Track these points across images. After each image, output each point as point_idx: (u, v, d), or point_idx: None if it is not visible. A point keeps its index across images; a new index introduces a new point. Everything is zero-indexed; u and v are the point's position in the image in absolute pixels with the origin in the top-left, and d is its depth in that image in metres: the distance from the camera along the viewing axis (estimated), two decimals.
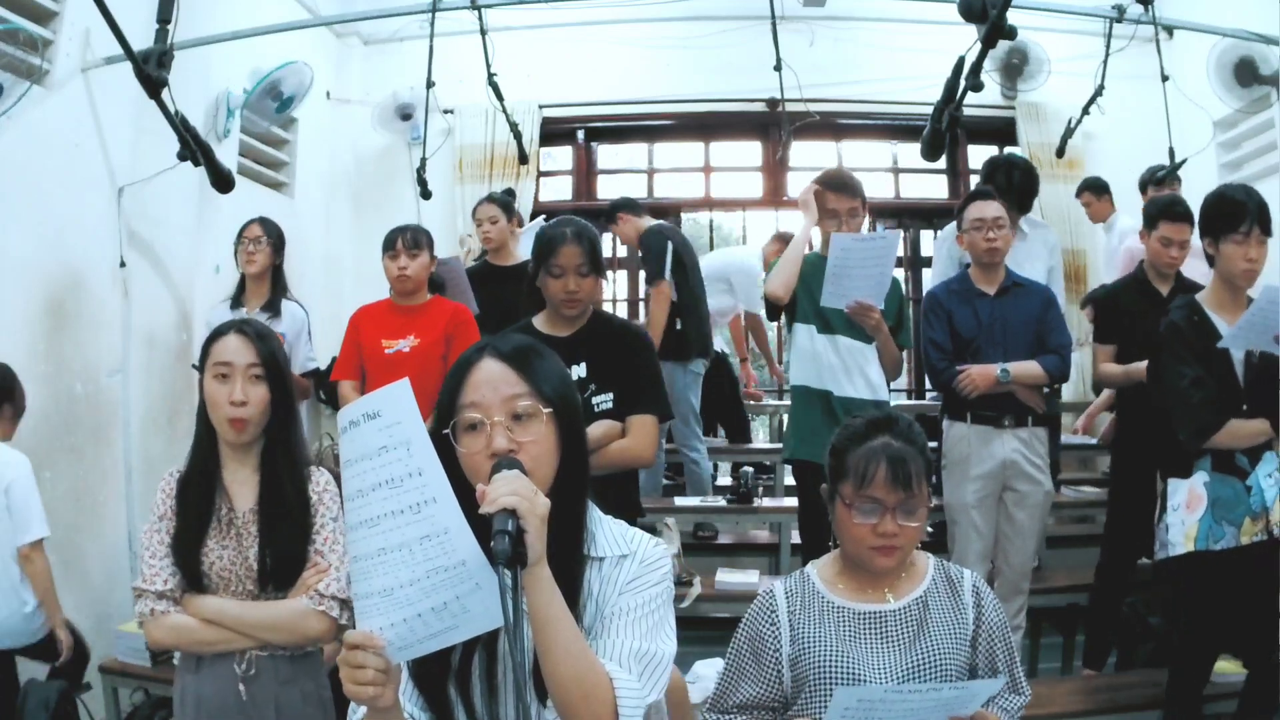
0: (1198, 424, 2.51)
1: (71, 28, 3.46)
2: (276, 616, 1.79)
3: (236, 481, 1.87)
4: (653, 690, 1.20)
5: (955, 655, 1.62)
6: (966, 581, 1.69)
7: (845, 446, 1.67)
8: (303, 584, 1.80)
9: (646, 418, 2.45)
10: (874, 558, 1.62)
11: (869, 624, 1.64)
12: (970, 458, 3.18)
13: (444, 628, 1.07)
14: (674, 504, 4.39)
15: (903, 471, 1.60)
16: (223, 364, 1.85)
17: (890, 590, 1.67)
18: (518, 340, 1.30)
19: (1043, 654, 3.82)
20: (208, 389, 1.86)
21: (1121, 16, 4.36)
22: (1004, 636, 1.68)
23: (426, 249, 3.41)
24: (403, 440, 1.04)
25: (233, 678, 1.80)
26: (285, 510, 1.82)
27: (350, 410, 1.09)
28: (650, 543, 1.30)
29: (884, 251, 2.98)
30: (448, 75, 4.85)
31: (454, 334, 3.28)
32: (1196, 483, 2.55)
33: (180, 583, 1.81)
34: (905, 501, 1.60)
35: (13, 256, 3.25)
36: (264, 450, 1.88)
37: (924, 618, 1.64)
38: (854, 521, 1.62)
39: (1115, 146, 5.43)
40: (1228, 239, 2.54)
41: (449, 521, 1.03)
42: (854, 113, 5.91)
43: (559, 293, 2.45)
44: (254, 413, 1.84)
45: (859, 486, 1.61)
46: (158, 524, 1.85)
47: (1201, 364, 2.52)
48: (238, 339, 1.87)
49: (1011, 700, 1.67)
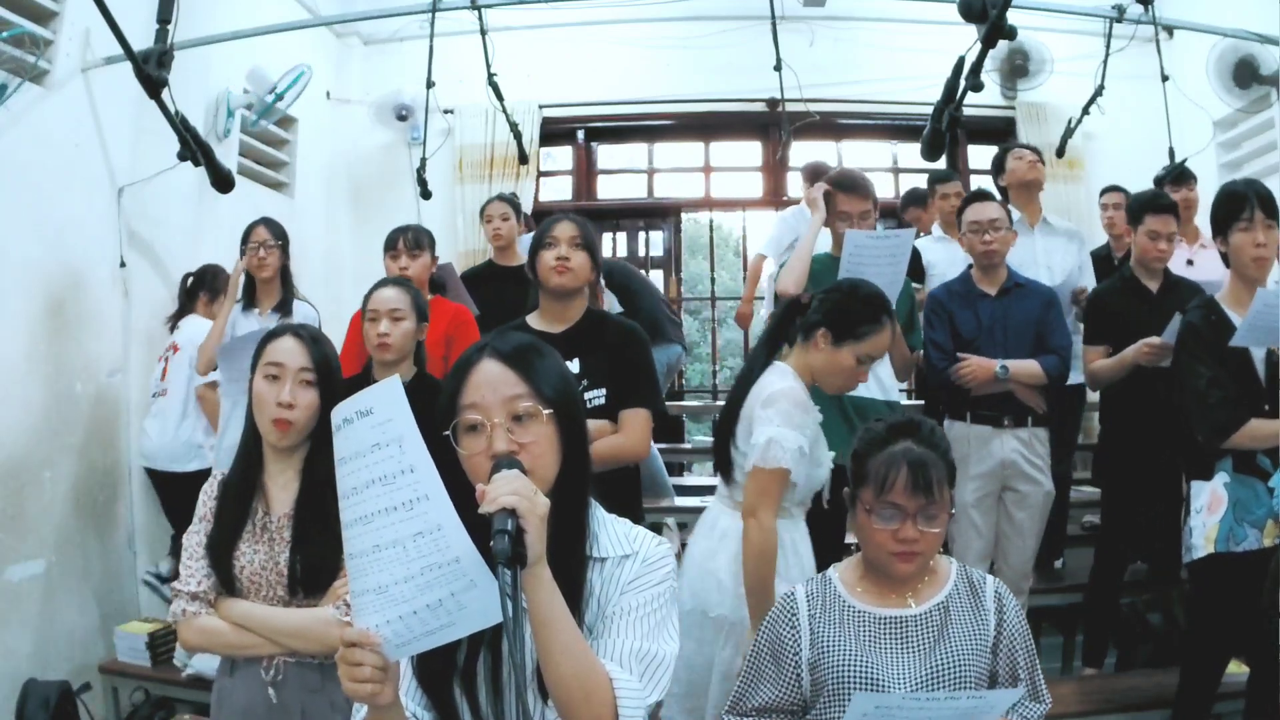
0: (1215, 424, 2.48)
1: (71, 28, 3.46)
2: (301, 623, 1.78)
3: (277, 486, 1.86)
4: (654, 691, 1.19)
5: (976, 661, 1.61)
6: (989, 587, 1.68)
7: (867, 451, 1.66)
8: (333, 593, 1.79)
9: (639, 412, 2.44)
10: (894, 563, 1.61)
11: (889, 629, 1.63)
12: (969, 457, 3.17)
13: (440, 625, 1.06)
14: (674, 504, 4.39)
15: (924, 477, 1.58)
16: (274, 364, 1.83)
17: (912, 595, 1.66)
18: (518, 339, 1.29)
19: (1043, 654, 3.80)
20: (256, 388, 1.84)
21: (1121, 16, 4.36)
22: (1025, 643, 1.67)
23: (428, 249, 3.41)
24: (395, 437, 1.04)
25: (261, 683, 1.79)
26: (321, 517, 1.78)
27: (343, 408, 1.09)
28: (654, 542, 1.29)
29: (898, 249, 2.96)
30: (448, 75, 4.85)
31: (454, 334, 3.28)
32: (1217, 484, 2.53)
33: (214, 585, 1.80)
34: (926, 507, 1.59)
35: (13, 256, 3.25)
36: (308, 455, 1.86)
37: (945, 623, 1.63)
38: (874, 527, 1.61)
39: (1115, 146, 5.43)
40: (1234, 229, 2.54)
41: (442, 518, 1.03)
42: (854, 113, 5.90)
43: (550, 261, 2.45)
44: (301, 416, 1.82)
45: (879, 492, 1.60)
46: (198, 525, 1.84)
47: (1219, 363, 2.50)
48: (293, 341, 1.86)
49: (1031, 708, 1.65)
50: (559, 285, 2.47)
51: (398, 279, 2.89)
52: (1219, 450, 2.52)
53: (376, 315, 2.66)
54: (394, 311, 2.66)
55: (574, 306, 2.53)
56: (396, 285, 2.75)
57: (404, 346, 2.68)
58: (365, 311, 2.72)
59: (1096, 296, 3.42)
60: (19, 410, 3.27)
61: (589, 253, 2.50)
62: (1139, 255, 3.31)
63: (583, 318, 2.53)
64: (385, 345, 2.64)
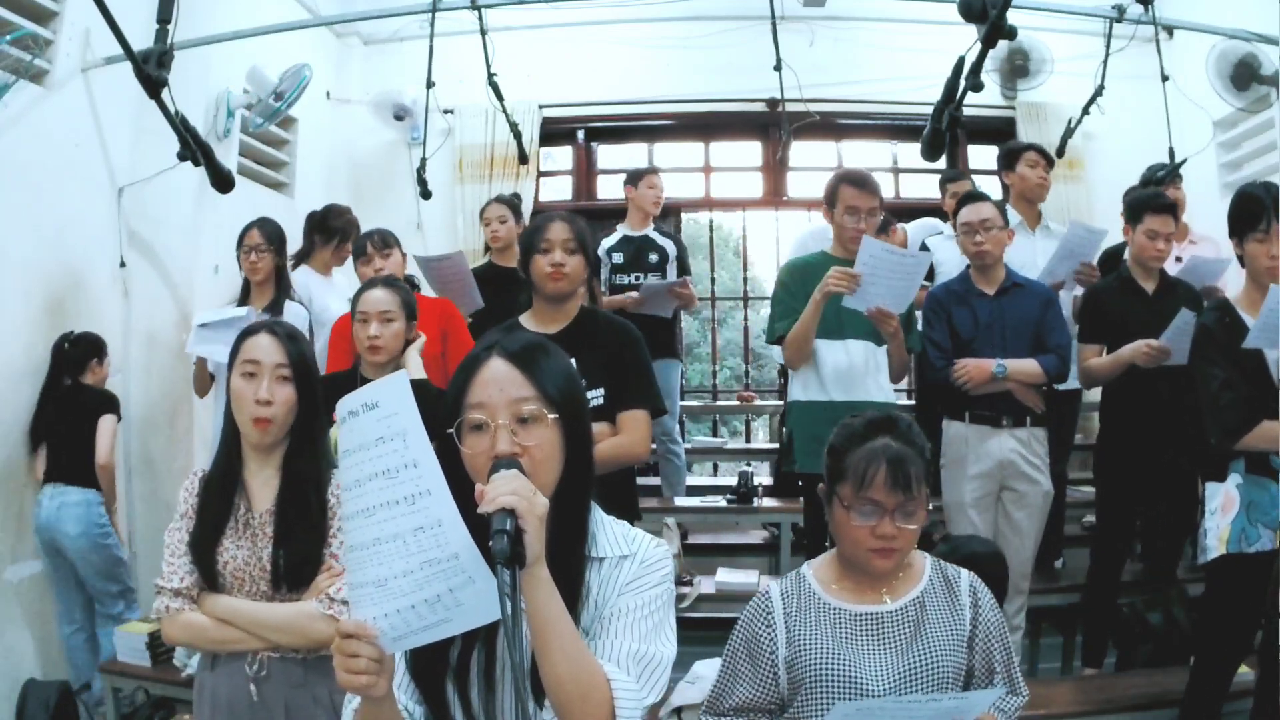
0: (1227, 425, 2.48)
1: (71, 28, 3.46)
2: (284, 618, 1.78)
3: (258, 482, 1.87)
4: (651, 692, 1.19)
5: (952, 657, 1.61)
6: (964, 582, 1.68)
7: (844, 447, 1.65)
8: (315, 587, 1.79)
9: (638, 413, 2.42)
10: (871, 560, 1.61)
11: (865, 625, 1.63)
12: (968, 457, 3.18)
13: (437, 620, 1.07)
14: (674, 504, 4.39)
15: (902, 474, 1.58)
16: (251, 362, 1.84)
17: (887, 591, 1.66)
18: (526, 339, 1.29)
19: (1043, 654, 3.82)
20: (234, 387, 1.85)
21: (1121, 16, 4.36)
22: (1001, 637, 1.67)
23: (396, 247, 3.44)
24: (399, 431, 1.05)
25: (244, 678, 1.80)
26: (303, 512, 1.81)
27: (350, 400, 1.09)
28: (651, 543, 1.29)
29: (914, 269, 2.95)
30: (448, 75, 4.85)
31: (448, 331, 3.28)
32: (1230, 485, 2.53)
33: (197, 581, 1.81)
34: (904, 504, 1.59)
35: (13, 256, 3.25)
36: (287, 451, 1.87)
37: (921, 619, 1.63)
38: (852, 523, 1.61)
39: (1115, 146, 5.43)
40: (1250, 238, 2.53)
41: (442, 514, 1.03)
42: (854, 113, 5.90)
43: (545, 267, 2.45)
44: (279, 413, 1.83)
45: (858, 488, 1.59)
46: (179, 523, 1.85)
47: (1233, 365, 2.49)
48: (268, 338, 1.87)
49: (1009, 701, 1.66)
50: (555, 291, 2.47)
51: (387, 278, 2.89)
52: (1232, 451, 2.52)
53: (366, 317, 2.67)
54: (384, 313, 2.67)
55: (568, 306, 2.52)
56: (386, 286, 2.75)
57: (394, 348, 2.69)
58: (354, 313, 2.72)
59: (1093, 294, 3.42)
60: (19, 410, 3.28)
61: (583, 254, 2.50)
62: (1136, 254, 3.31)
63: (577, 317, 2.52)
64: (376, 348, 2.66)
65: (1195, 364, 2.61)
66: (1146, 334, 3.09)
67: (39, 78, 3.36)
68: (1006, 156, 4.11)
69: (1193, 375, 2.63)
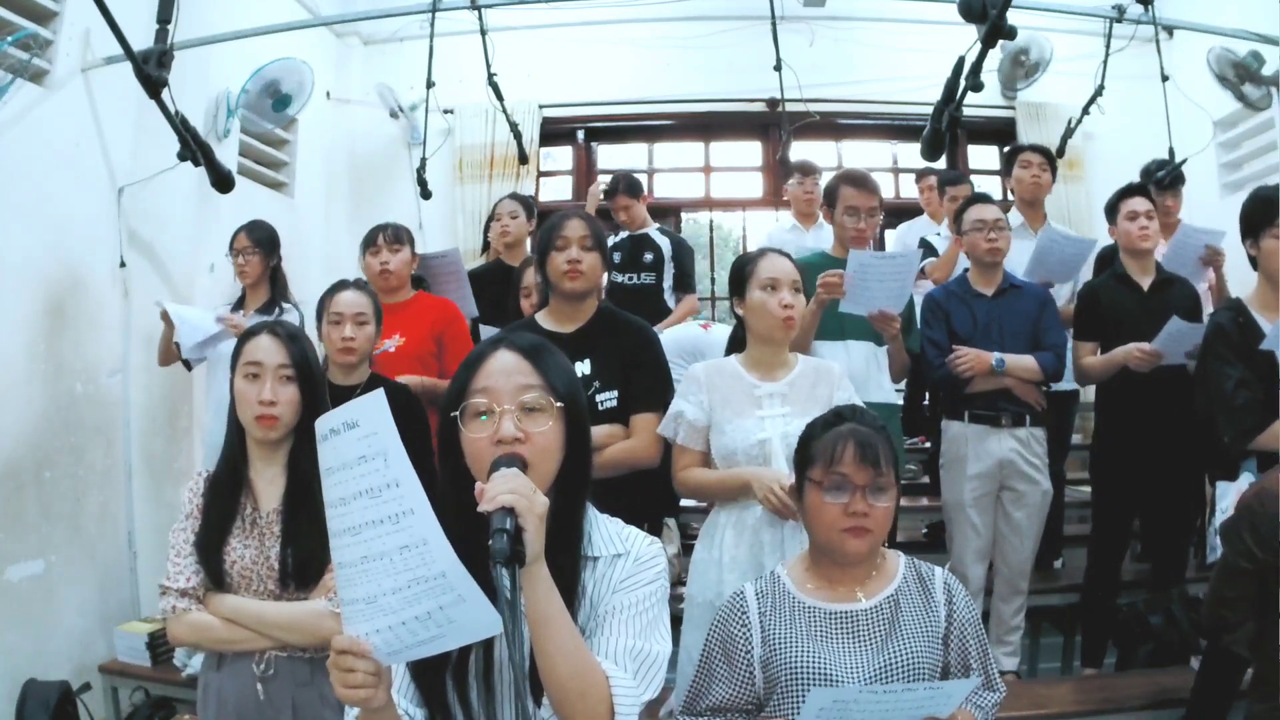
0: (1240, 426, 2.48)
1: (71, 28, 3.46)
2: (292, 617, 1.79)
3: (263, 481, 1.88)
4: (648, 689, 1.20)
5: (927, 654, 1.62)
6: (938, 579, 1.69)
7: (811, 435, 1.70)
8: (323, 585, 1.80)
9: (651, 416, 2.39)
10: (845, 540, 1.61)
11: (840, 623, 1.64)
12: (967, 457, 3.18)
13: (430, 635, 1.06)
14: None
15: (870, 451, 1.61)
16: (253, 363, 1.86)
17: (861, 589, 1.66)
18: (532, 337, 1.32)
19: (1043, 654, 3.82)
20: (237, 388, 1.87)
21: (1121, 16, 4.35)
22: (976, 633, 1.68)
23: (408, 244, 3.41)
24: (380, 451, 1.04)
25: (251, 677, 1.80)
26: (310, 511, 1.80)
27: (329, 419, 1.09)
28: (645, 541, 1.30)
29: (903, 268, 2.95)
30: (448, 75, 4.85)
31: (445, 333, 3.26)
32: (1242, 484, 2.51)
33: (203, 581, 1.82)
34: (875, 479, 1.61)
35: (13, 256, 3.25)
36: (292, 450, 1.88)
37: (895, 616, 1.63)
38: (824, 502, 1.62)
39: (1115, 146, 5.43)
40: (1264, 236, 2.54)
41: (427, 533, 1.02)
42: (854, 113, 5.90)
43: (561, 264, 2.43)
44: (284, 412, 1.85)
45: (828, 465, 1.62)
46: (184, 523, 1.86)
47: (1246, 365, 2.49)
48: (269, 339, 1.89)
49: (986, 697, 1.66)
50: (572, 289, 2.45)
51: (357, 281, 2.90)
52: (1244, 451, 2.52)
53: (340, 319, 2.68)
54: (358, 315, 2.69)
55: (585, 306, 2.50)
56: (358, 288, 2.77)
57: (366, 350, 2.72)
58: (326, 314, 2.73)
59: (1088, 291, 3.42)
60: (19, 410, 3.27)
61: (600, 252, 2.48)
62: (1126, 243, 3.33)
63: (594, 317, 2.50)
64: (350, 349, 2.67)
65: (1209, 362, 2.61)
66: (1140, 330, 3.09)
67: (39, 78, 3.36)
68: (1006, 160, 4.13)
69: (1205, 374, 2.62)
